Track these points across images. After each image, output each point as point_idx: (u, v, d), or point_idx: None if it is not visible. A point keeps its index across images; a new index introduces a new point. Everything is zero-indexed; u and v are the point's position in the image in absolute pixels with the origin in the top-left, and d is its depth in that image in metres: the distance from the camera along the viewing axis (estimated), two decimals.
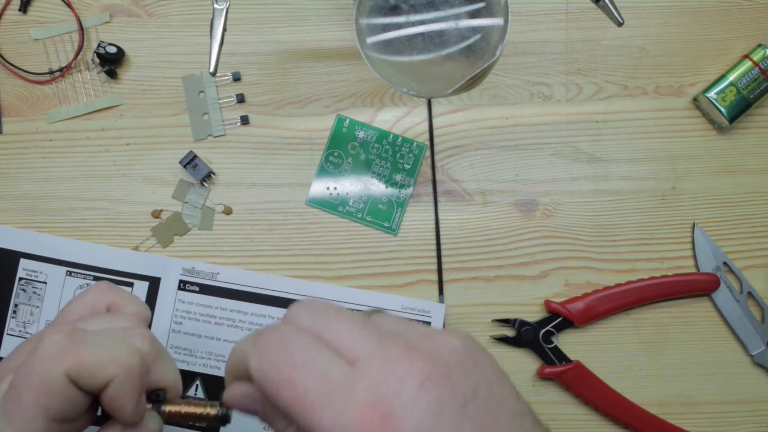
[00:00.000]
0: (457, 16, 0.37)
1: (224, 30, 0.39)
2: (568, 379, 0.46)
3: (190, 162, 0.47)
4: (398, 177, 0.48)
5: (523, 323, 0.46)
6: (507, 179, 0.49)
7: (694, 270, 0.48)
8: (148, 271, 0.47)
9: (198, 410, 0.30)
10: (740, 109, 0.47)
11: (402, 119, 0.49)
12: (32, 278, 0.47)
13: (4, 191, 0.48)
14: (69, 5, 0.49)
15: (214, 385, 0.46)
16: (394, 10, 0.37)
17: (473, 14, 0.37)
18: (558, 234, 0.48)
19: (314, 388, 0.22)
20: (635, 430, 0.46)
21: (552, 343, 0.46)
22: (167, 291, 0.46)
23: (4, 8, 0.50)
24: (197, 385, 0.46)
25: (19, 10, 0.49)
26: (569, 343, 0.47)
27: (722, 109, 0.47)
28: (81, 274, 0.47)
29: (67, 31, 0.49)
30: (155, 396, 0.30)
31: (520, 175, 0.49)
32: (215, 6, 0.39)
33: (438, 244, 0.48)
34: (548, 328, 0.46)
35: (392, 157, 0.49)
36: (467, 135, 0.49)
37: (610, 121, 0.49)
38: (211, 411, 0.30)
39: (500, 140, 0.49)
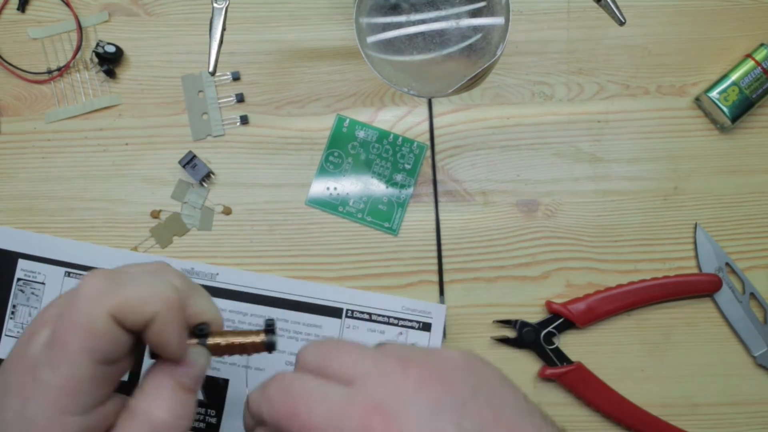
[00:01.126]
0: (458, 15, 0.36)
1: (223, 29, 0.38)
2: (570, 380, 0.45)
3: (189, 162, 0.47)
4: (399, 177, 0.48)
5: (524, 324, 0.46)
6: (508, 179, 0.48)
7: (696, 271, 0.47)
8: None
9: (243, 339, 0.30)
10: (743, 108, 0.47)
11: (402, 119, 0.49)
12: (30, 279, 0.46)
13: (2, 191, 0.48)
14: (67, 4, 0.49)
15: (214, 387, 0.45)
16: (395, 9, 0.37)
17: (474, 13, 0.37)
18: (559, 234, 0.48)
19: (317, 412, 0.24)
20: (637, 431, 0.45)
21: (553, 344, 0.46)
22: None
23: (3, 7, 0.49)
24: None
25: (18, 9, 0.49)
26: (571, 344, 0.47)
27: (724, 109, 0.47)
28: (80, 275, 0.46)
29: (65, 31, 0.49)
30: (199, 330, 0.30)
31: (521, 175, 0.48)
32: (214, 5, 0.38)
33: (438, 244, 0.47)
34: (549, 329, 0.46)
35: (392, 157, 0.48)
36: (468, 135, 0.49)
37: (611, 121, 0.49)
38: (257, 339, 0.30)
39: (501, 140, 0.49)
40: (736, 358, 0.47)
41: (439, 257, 0.47)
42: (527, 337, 0.46)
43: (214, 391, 0.45)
